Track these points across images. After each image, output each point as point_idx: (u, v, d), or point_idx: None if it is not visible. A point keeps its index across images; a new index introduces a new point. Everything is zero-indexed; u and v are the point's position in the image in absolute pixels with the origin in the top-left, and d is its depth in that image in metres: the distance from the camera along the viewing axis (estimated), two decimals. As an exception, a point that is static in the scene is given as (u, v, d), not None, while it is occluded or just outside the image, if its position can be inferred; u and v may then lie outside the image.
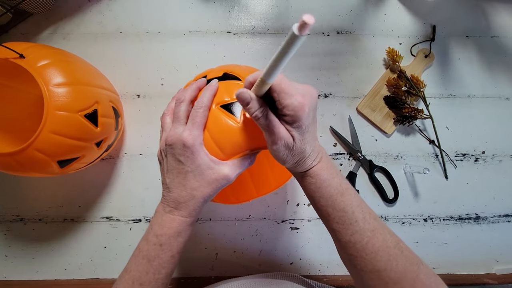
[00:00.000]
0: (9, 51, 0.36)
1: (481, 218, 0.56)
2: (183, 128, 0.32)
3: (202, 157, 0.31)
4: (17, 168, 0.38)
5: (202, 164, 0.31)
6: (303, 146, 0.29)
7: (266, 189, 0.44)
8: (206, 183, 0.31)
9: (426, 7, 0.58)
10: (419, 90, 0.54)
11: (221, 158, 0.32)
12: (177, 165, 0.32)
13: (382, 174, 0.56)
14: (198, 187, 0.31)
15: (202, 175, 0.31)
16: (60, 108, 0.36)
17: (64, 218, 0.53)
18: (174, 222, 0.32)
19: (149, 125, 0.55)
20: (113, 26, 0.56)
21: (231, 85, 0.35)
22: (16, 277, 0.52)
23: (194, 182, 0.31)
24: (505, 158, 0.57)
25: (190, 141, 0.31)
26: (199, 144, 0.31)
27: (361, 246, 0.30)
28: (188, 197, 0.32)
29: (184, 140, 0.31)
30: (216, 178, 0.31)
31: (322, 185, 0.32)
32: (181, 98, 0.34)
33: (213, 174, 0.31)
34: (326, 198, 0.32)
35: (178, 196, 0.32)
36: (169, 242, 0.32)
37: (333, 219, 0.32)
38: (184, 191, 0.32)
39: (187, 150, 0.31)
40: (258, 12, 0.58)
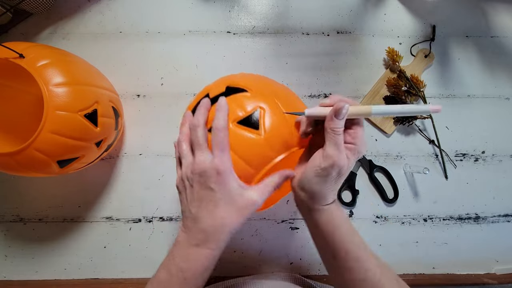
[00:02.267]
0: (9, 51, 0.36)
1: (481, 218, 0.56)
2: (210, 154, 0.31)
3: (232, 183, 0.30)
4: (17, 168, 0.38)
5: (232, 190, 0.30)
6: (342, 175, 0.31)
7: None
8: (236, 210, 0.30)
9: (426, 7, 0.58)
10: (419, 90, 0.54)
11: (251, 173, 0.32)
12: (208, 192, 0.30)
13: (382, 174, 0.56)
14: (228, 215, 0.30)
15: (233, 202, 0.30)
16: (60, 108, 0.36)
17: (64, 218, 0.53)
18: (202, 256, 0.31)
19: (149, 125, 0.55)
20: (113, 26, 0.56)
21: (239, 98, 0.34)
22: (16, 277, 0.52)
23: (225, 211, 0.30)
24: (505, 158, 0.57)
25: (222, 167, 0.30)
26: (230, 169, 0.30)
27: (373, 284, 0.31)
28: (218, 226, 0.30)
29: (217, 167, 0.30)
30: (246, 205, 0.31)
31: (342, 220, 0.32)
32: (196, 123, 0.32)
33: (242, 200, 0.31)
34: (346, 234, 0.32)
35: (207, 226, 0.30)
36: (194, 277, 0.30)
37: (351, 256, 0.31)
38: (214, 221, 0.30)
39: (220, 177, 0.30)
40: (258, 12, 0.58)
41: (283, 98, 0.36)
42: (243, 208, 0.31)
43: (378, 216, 0.55)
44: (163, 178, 0.54)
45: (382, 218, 0.55)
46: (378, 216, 0.55)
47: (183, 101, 0.55)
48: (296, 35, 0.57)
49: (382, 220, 0.55)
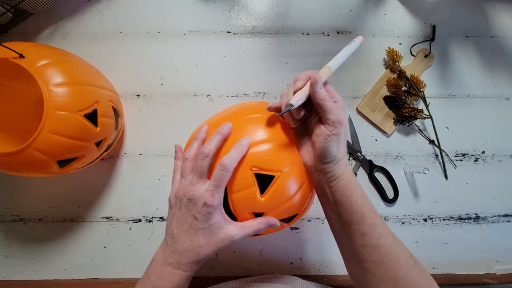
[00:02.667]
0: (9, 51, 0.36)
1: (481, 218, 0.56)
2: (206, 186, 0.32)
3: (217, 217, 0.32)
4: (17, 168, 0.38)
5: (214, 224, 0.32)
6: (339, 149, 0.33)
7: None
8: (213, 242, 0.32)
9: (426, 7, 0.58)
10: (419, 90, 0.54)
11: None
12: (191, 220, 0.32)
13: (382, 174, 0.56)
14: (204, 245, 0.32)
15: (211, 234, 0.32)
16: (60, 108, 0.36)
17: (64, 218, 0.53)
18: (175, 277, 0.32)
19: (149, 125, 0.55)
20: (113, 26, 0.56)
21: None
22: (16, 277, 0.52)
23: (202, 240, 0.32)
24: (505, 158, 0.57)
25: (211, 201, 0.31)
26: (218, 205, 0.31)
27: (385, 251, 0.31)
28: (193, 253, 0.32)
29: (206, 200, 0.31)
30: (222, 238, 0.32)
31: (357, 183, 0.34)
32: (206, 152, 0.32)
33: (221, 234, 0.32)
34: (362, 196, 0.33)
35: (183, 251, 0.32)
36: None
37: (366, 219, 0.32)
38: (190, 247, 0.32)
39: (207, 209, 0.31)
40: (258, 12, 0.58)
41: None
42: (219, 241, 0.32)
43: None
44: (163, 178, 0.54)
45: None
46: (378, 216, 0.55)
47: (183, 101, 0.55)
48: (296, 35, 0.57)
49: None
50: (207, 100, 0.56)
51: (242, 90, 0.56)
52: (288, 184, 0.33)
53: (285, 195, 0.33)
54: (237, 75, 0.56)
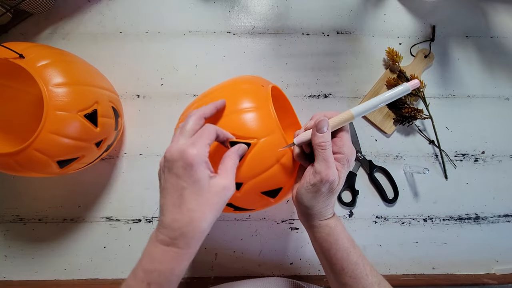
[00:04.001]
0: (8, 51, 0.36)
1: (481, 218, 0.56)
2: (185, 140, 0.28)
3: (202, 171, 0.27)
4: (17, 168, 0.38)
5: (202, 179, 0.26)
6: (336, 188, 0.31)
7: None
8: (206, 201, 0.26)
9: (426, 7, 0.58)
10: (419, 90, 0.54)
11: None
12: (174, 180, 0.27)
13: (382, 174, 0.56)
14: (197, 208, 0.26)
15: (201, 192, 0.26)
16: (60, 108, 0.36)
17: (64, 218, 0.53)
18: (167, 256, 0.26)
19: (149, 125, 0.55)
20: (113, 26, 0.56)
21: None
22: (16, 277, 0.52)
23: (192, 202, 0.26)
24: (505, 158, 0.57)
25: (190, 152, 0.26)
26: (200, 156, 0.27)
27: None
28: (185, 221, 0.26)
29: (183, 150, 0.27)
30: (217, 192, 0.27)
31: (338, 237, 0.32)
32: (194, 112, 0.31)
33: (212, 188, 0.27)
34: (342, 251, 0.32)
35: (173, 221, 0.26)
36: (158, 281, 0.26)
37: (346, 273, 0.31)
38: (180, 214, 0.26)
39: (187, 162, 0.26)
40: (258, 12, 0.58)
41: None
42: (214, 196, 0.27)
43: (378, 216, 0.55)
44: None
45: (382, 218, 0.55)
46: (378, 216, 0.55)
47: (183, 101, 0.55)
48: (296, 35, 0.57)
49: (382, 220, 0.55)
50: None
51: (242, 90, 0.56)
52: (266, 152, 0.33)
53: (263, 164, 0.33)
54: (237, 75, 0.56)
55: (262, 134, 0.33)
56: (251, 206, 0.37)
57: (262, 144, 0.32)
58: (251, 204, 0.36)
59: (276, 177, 0.34)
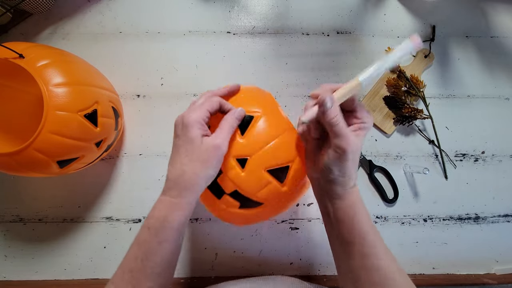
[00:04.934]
0: (8, 51, 0.36)
1: (481, 218, 0.56)
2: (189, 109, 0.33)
3: (195, 131, 0.30)
4: (17, 168, 0.38)
5: (195, 138, 0.30)
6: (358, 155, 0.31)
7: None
8: (196, 158, 0.30)
9: (426, 7, 0.58)
10: (419, 90, 0.54)
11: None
12: (175, 141, 0.32)
13: (382, 174, 0.56)
14: (188, 162, 0.30)
15: (193, 150, 0.30)
16: (60, 108, 0.36)
17: (64, 218, 0.53)
18: (163, 204, 0.31)
19: (149, 125, 0.55)
20: (113, 26, 0.56)
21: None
22: (16, 277, 0.52)
23: (184, 157, 0.30)
24: (505, 158, 0.57)
25: (187, 118, 0.31)
26: (196, 121, 0.31)
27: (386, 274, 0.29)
28: (178, 173, 0.30)
29: (184, 116, 0.31)
30: (206, 150, 0.30)
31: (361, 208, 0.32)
32: (207, 92, 0.36)
33: (203, 147, 0.30)
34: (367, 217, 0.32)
35: (169, 174, 0.31)
36: (155, 226, 0.30)
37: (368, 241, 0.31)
38: (175, 168, 0.31)
39: (183, 124, 0.31)
40: (258, 12, 0.58)
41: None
42: (204, 153, 0.30)
43: (378, 216, 0.55)
44: (163, 178, 0.53)
45: (382, 218, 0.55)
46: (378, 216, 0.55)
47: (183, 101, 0.55)
48: (296, 35, 0.57)
49: (382, 220, 0.55)
50: (207, 100, 0.56)
51: (242, 90, 0.56)
52: (268, 124, 0.34)
53: (266, 136, 0.34)
54: (237, 75, 0.56)
55: (265, 108, 0.35)
56: (258, 194, 0.34)
57: (265, 117, 0.34)
58: (258, 189, 0.34)
59: (282, 149, 0.34)
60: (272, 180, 0.34)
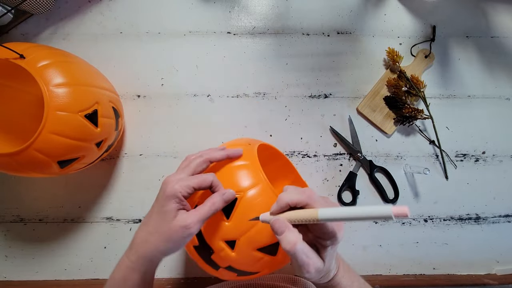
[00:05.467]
0: (9, 52, 0.36)
1: (482, 219, 0.55)
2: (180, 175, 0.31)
3: (171, 205, 0.29)
4: (17, 169, 0.38)
5: (169, 210, 0.29)
6: (330, 263, 0.29)
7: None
8: (163, 232, 0.29)
9: (426, 7, 0.58)
10: (419, 91, 0.54)
11: None
12: (154, 203, 0.31)
13: (382, 175, 0.56)
14: (154, 232, 0.29)
15: (162, 223, 0.29)
16: (60, 109, 0.36)
17: (64, 219, 0.53)
18: (122, 265, 0.31)
19: (149, 126, 0.55)
20: (113, 26, 0.56)
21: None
22: (16, 277, 0.52)
23: (152, 227, 0.30)
24: (506, 158, 0.56)
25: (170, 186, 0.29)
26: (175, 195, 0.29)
27: None
28: (141, 240, 0.30)
29: (168, 182, 0.30)
30: (175, 230, 0.28)
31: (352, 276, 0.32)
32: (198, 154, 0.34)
33: (172, 223, 0.29)
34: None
35: (136, 236, 0.31)
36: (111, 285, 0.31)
37: None
38: (141, 232, 0.30)
39: (165, 193, 0.29)
40: (258, 13, 0.58)
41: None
42: (171, 231, 0.28)
43: (378, 217, 0.55)
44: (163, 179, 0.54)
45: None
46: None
47: (183, 102, 0.55)
48: (296, 36, 0.57)
49: (382, 221, 0.55)
50: (207, 100, 0.56)
51: (242, 90, 0.56)
52: (254, 204, 0.32)
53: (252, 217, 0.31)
54: (237, 76, 0.56)
55: (247, 187, 0.32)
56: (253, 267, 0.34)
57: (249, 196, 0.32)
58: (251, 265, 0.34)
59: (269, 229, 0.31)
60: (264, 256, 0.33)
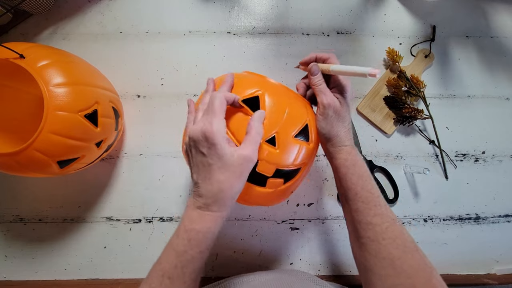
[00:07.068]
0: (9, 51, 0.36)
1: (481, 218, 0.56)
2: (203, 118, 0.32)
3: (223, 147, 0.30)
4: (17, 169, 0.38)
5: (225, 154, 0.30)
6: (346, 114, 0.37)
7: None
8: (232, 173, 0.31)
9: (426, 7, 0.58)
10: (419, 90, 0.54)
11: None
12: (201, 158, 0.31)
13: (382, 174, 0.56)
14: (225, 179, 0.30)
15: (226, 166, 0.30)
16: (60, 108, 0.36)
17: (64, 219, 0.53)
18: (204, 218, 0.31)
19: (149, 126, 0.55)
20: (113, 26, 0.56)
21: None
22: (16, 277, 0.52)
23: (220, 175, 0.30)
24: (505, 158, 0.57)
25: (209, 133, 0.30)
26: (219, 133, 0.30)
27: (381, 230, 0.32)
28: (216, 191, 0.31)
29: (205, 132, 0.30)
30: (240, 163, 0.31)
31: (356, 163, 0.35)
32: (209, 89, 0.37)
33: (235, 160, 0.30)
34: (357, 176, 0.35)
35: (206, 191, 0.31)
36: (197, 238, 0.31)
37: (359, 197, 0.34)
38: (211, 185, 0.31)
39: (208, 141, 0.30)
40: (258, 13, 0.58)
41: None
42: (238, 167, 0.31)
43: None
44: (163, 179, 0.54)
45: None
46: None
47: (183, 101, 0.55)
48: (296, 36, 0.57)
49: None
50: (207, 100, 0.56)
51: (242, 90, 0.56)
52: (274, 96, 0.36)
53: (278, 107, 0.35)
54: (237, 76, 0.56)
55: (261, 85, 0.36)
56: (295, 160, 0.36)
57: (267, 92, 0.36)
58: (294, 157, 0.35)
59: (296, 112, 0.36)
60: (301, 142, 0.36)
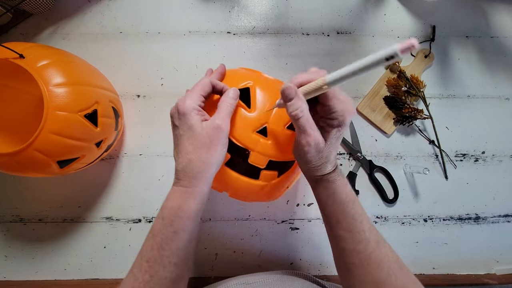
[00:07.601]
0: (9, 51, 0.36)
1: (481, 218, 0.56)
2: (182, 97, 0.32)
3: (192, 117, 0.30)
4: (17, 168, 0.38)
5: (194, 124, 0.30)
6: (330, 151, 0.31)
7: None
8: (201, 143, 0.30)
9: (426, 7, 0.58)
10: (419, 90, 0.54)
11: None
12: (175, 132, 0.32)
13: (382, 174, 0.56)
14: (193, 149, 0.30)
15: (195, 136, 0.30)
16: (60, 108, 0.36)
17: (64, 219, 0.53)
18: (175, 194, 0.31)
19: (149, 126, 0.55)
20: (113, 26, 0.56)
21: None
22: (16, 277, 0.52)
23: (188, 145, 0.30)
24: (505, 158, 0.57)
25: (182, 106, 0.30)
26: (191, 106, 0.30)
27: (365, 256, 0.31)
28: (185, 162, 0.30)
29: (178, 106, 0.31)
30: (208, 133, 0.30)
31: (336, 191, 0.32)
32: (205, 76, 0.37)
33: (204, 130, 0.30)
34: (338, 204, 0.32)
35: (177, 165, 0.31)
36: (169, 216, 0.30)
37: (341, 225, 0.32)
38: (181, 157, 0.30)
39: (179, 113, 0.30)
40: (258, 13, 0.58)
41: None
42: (206, 137, 0.30)
43: (378, 216, 0.55)
44: (163, 178, 0.54)
45: (382, 218, 0.55)
46: (378, 216, 0.55)
47: (183, 101, 0.55)
48: (296, 36, 0.57)
49: (382, 220, 0.55)
50: (207, 100, 0.56)
51: (242, 90, 0.56)
52: (266, 87, 0.36)
53: (269, 98, 0.35)
54: (237, 75, 0.56)
55: (253, 78, 0.36)
56: (288, 152, 0.35)
57: (259, 84, 0.36)
58: (287, 148, 0.35)
59: None
60: (293, 133, 0.35)
